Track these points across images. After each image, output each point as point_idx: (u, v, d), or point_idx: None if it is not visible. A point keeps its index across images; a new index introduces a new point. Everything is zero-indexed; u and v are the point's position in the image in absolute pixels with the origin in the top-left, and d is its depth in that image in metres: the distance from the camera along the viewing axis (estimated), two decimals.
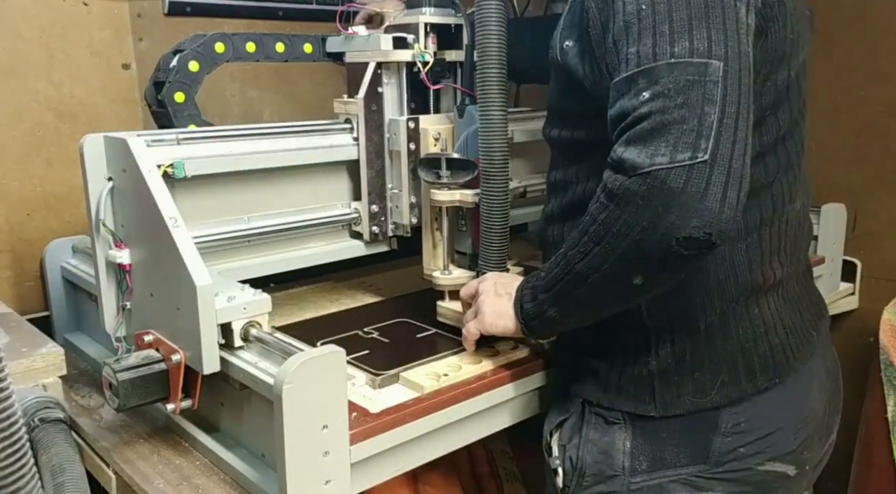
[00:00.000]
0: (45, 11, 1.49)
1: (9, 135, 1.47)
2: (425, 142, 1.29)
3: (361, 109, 1.29)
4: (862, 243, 1.82)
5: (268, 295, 1.03)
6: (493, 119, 1.12)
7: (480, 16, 1.09)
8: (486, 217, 1.16)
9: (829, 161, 1.87)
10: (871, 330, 1.69)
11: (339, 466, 0.91)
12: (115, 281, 1.13)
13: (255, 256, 1.26)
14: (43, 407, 1.08)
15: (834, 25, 1.82)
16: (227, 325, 0.99)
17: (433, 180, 1.21)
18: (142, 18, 1.62)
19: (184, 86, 1.30)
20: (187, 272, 0.96)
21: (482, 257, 1.18)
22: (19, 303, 1.48)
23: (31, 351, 1.13)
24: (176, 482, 1.00)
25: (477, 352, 1.14)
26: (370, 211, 1.33)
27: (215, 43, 1.31)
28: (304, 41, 1.40)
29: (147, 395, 1.00)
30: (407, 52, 1.28)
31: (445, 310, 1.25)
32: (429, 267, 1.29)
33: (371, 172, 1.32)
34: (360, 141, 1.30)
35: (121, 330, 1.14)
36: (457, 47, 1.33)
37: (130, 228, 1.09)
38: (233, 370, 0.99)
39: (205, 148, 1.17)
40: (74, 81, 1.54)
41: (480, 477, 1.43)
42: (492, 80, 1.10)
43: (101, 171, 1.10)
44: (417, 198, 1.32)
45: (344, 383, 0.90)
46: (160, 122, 1.33)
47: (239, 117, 1.81)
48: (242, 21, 1.76)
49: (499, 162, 1.13)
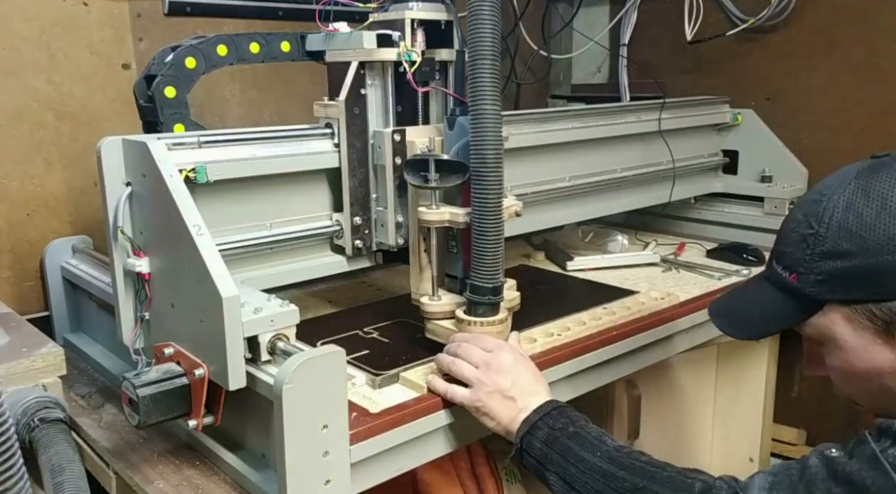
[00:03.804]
0: (45, 11, 1.49)
1: (9, 135, 1.47)
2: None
3: (343, 113, 1.18)
4: None
5: (295, 306, 0.97)
6: (485, 127, 1.02)
7: (473, 15, 1.01)
8: (479, 230, 1.05)
9: (829, 161, 1.87)
10: None
11: (339, 466, 0.91)
12: (133, 290, 1.07)
13: (273, 265, 1.20)
14: (43, 407, 1.08)
15: (834, 25, 1.82)
16: (253, 338, 0.93)
17: (421, 184, 1.11)
18: (142, 18, 1.62)
19: (177, 81, 1.21)
20: (212, 282, 0.89)
21: (474, 271, 1.08)
22: (19, 303, 1.48)
23: (31, 351, 1.13)
24: (176, 482, 1.00)
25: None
26: (353, 223, 1.22)
27: (185, 58, 1.22)
28: (282, 40, 1.31)
29: (168, 411, 0.94)
30: (392, 50, 1.17)
31: (436, 327, 1.17)
32: (416, 291, 1.20)
33: (353, 182, 1.21)
34: (341, 147, 1.20)
35: (139, 341, 1.09)
36: (448, 46, 1.23)
37: (150, 236, 1.04)
38: (259, 386, 0.93)
39: (227, 152, 1.11)
40: (74, 81, 1.54)
41: (480, 477, 1.43)
42: (485, 85, 1.01)
43: (118, 176, 1.04)
44: (405, 217, 1.21)
45: (344, 383, 0.90)
46: (145, 118, 1.26)
47: (239, 117, 1.80)
48: (242, 21, 1.75)
49: (492, 172, 1.03)
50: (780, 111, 1.94)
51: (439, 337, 1.15)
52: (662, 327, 1.35)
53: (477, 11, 1.00)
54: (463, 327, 1.10)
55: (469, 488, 1.41)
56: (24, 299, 1.50)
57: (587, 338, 1.24)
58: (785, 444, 1.98)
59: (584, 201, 1.60)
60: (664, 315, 1.36)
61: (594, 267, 1.67)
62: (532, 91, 2.40)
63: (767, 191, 1.85)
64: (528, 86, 2.38)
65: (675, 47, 2.10)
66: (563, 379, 1.19)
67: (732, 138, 1.94)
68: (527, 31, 2.28)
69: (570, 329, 1.25)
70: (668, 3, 2.09)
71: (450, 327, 1.14)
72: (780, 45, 1.92)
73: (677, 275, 1.62)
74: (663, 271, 1.65)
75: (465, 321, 1.10)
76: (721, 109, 1.93)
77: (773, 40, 1.94)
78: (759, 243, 1.77)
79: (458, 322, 1.12)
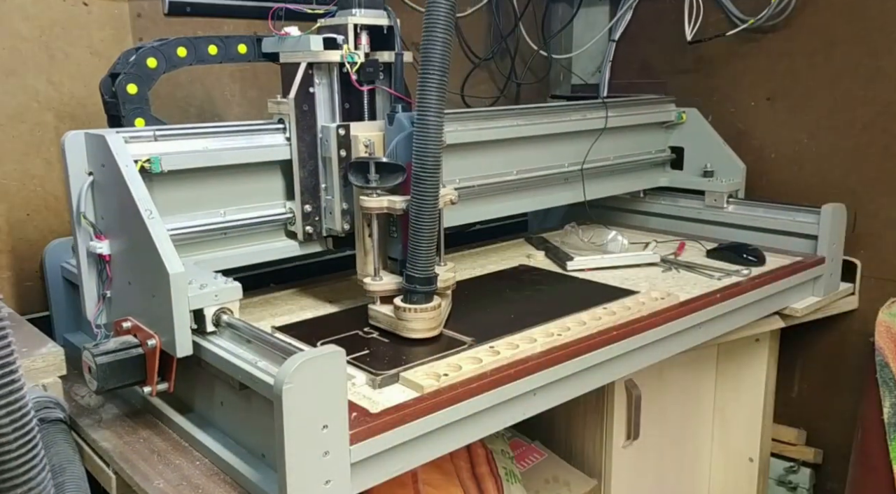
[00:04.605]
0: (45, 11, 1.49)
1: (9, 135, 1.47)
2: (356, 149, 1.29)
3: (293, 109, 1.29)
4: (862, 243, 1.82)
5: (238, 283, 1.08)
6: (428, 123, 1.13)
7: (428, 16, 1.11)
8: (415, 222, 1.17)
9: (829, 161, 1.87)
10: (871, 330, 1.70)
11: (339, 466, 0.91)
12: (96, 271, 1.18)
13: (232, 248, 1.31)
14: (43, 407, 1.08)
15: (834, 25, 1.82)
16: (199, 311, 1.04)
17: (362, 184, 1.22)
18: (142, 18, 1.62)
19: (139, 79, 1.30)
20: (161, 261, 1.01)
21: (409, 262, 1.20)
22: (19, 303, 1.48)
23: (31, 351, 1.13)
24: (176, 482, 1.00)
25: (477, 352, 1.15)
26: (303, 210, 1.33)
27: (147, 58, 1.31)
28: (238, 42, 1.40)
29: (125, 378, 1.04)
30: (336, 52, 1.28)
31: (377, 313, 1.26)
32: (361, 273, 1.31)
33: (304, 172, 1.32)
34: (292, 141, 1.31)
35: (101, 317, 1.19)
36: (389, 48, 1.34)
37: (110, 220, 1.15)
38: (206, 354, 1.04)
39: (181, 144, 1.21)
40: (74, 81, 1.54)
41: (480, 477, 1.43)
42: (431, 82, 1.12)
43: (81, 166, 1.15)
44: (350, 205, 1.32)
45: (344, 383, 0.90)
46: (109, 113, 1.34)
47: (239, 117, 1.80)
48: (242, 21, 1.76)
49: (431, 167, 1.14)
50: (780, 111, 1.94)
51: (381, 323, 1.26)
52: (662, 327, 1.35)
53: (432, 15, 1.11)
54: (399, 314, 1.21)
55: (469, 488, 1.41)
56: (24, 299, 1.50)
57: (587, 338, 1.24)
58: (785, 444, 1.98)
59: (532, 193, 1.72)
60: (664, 315, 1.36)
61: (594, 267, 1.67)
62: (532, 91, 2.40)
63: (708, 185, 1.95)
64: (527, 87, 2.38)
65: (675, 47, 2.10)
66: (563, 379, 1.19)
67: (678, 135, 2.03)
68: (527, 31, 2.28)
69: (570, 329, 1.25)
70: (668, 3, 2.09)
71: (389, 314, 1.24)
72: (780, 45, 1.92)
73: (677, 275, 1.62)
74: (663, 271, 1.65)
75: (402, 308, 1.20)
76: (667, 108, 2.00)
77: (773, 40, 1.94)
78: (758, 243, 1.77)
79: (395, 308, 1.22)
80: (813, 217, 1.74)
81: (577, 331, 1.25)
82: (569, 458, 1.58)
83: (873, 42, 1.76)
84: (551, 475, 1.54)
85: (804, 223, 1.76)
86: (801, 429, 1.99)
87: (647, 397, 1.55)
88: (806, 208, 1.77)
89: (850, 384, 1.87)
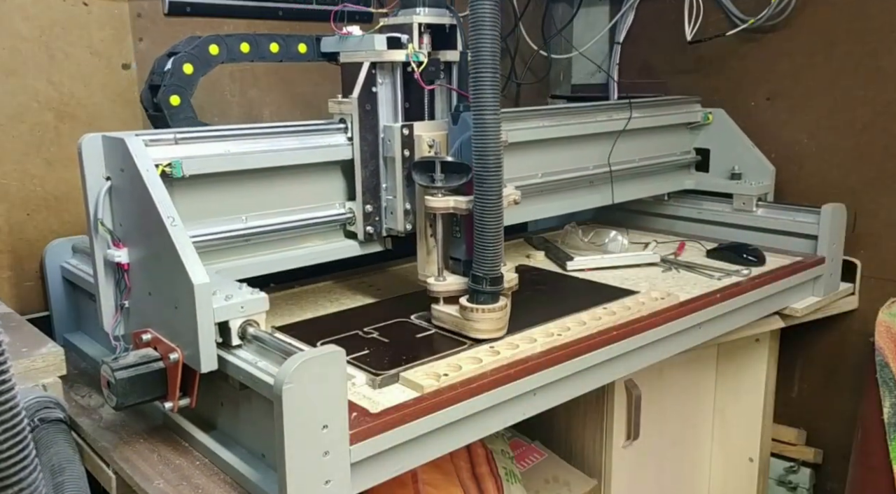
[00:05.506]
0: (45, 11, 1.49)
1: (9, 135, 1.47)
2: (419, 149, 1.29)
3: (356, 109, 1.29)
4: (862, 243, 1.82)
5: (265, 294, 1.03)
6: (486, 123, 1.12)
7: (474, 17, 1.09)
8: (480, 222, 1.15)
9: (829, 161, 1.87)
10: (871, 330, 1.69)
11: (339, 466, 0.91)
12: (114, 280, 1.13)
13: (253, 255, 1.26)
14: (43, 407, 1.08)
15: (834, 25, 1.82)
16: (224, 324, 0.99)
17: (427, 184, 1.21)
18: (142, 18, 1.62)
19: (179, 89, 1.29)
20: (185, 270, 0.96)
21: (476, 263, 1.18)
22: (19, 303, 1.48)
23: (31, 351, 1.13)
24: (176, 482, 1.00)
25: (477, 352, 1.14)
26: (364, 211, 1.33)
27: (209, 45, 1.31)
28: (299, 41, 1.40)
29: (145, 394, 1.00)
30: (401, 51, 1.28)
31: (441, 314, 1.25)
32: (423, 272, 1.30)
33: (365, 172, 1.32)
34: (354, 141, 1.30)
35: (119, 328, 1.15)
36: (451, 47, 1.33)
37: (129, 227, 1.10)
38: (231, 369, 0.99)
39: (203, 147, 1.17)
40: (74, 81, 1.54)
41: (480, 477, 1.43)
42: (485, 82, 1.11)
43: (99, 171, 1.11)
44: (412, 205, 1.32)
45: (344, 383, 0.90)
46: (157, 126, 1.33)
47: (239, 117, 1.81)
48: (242, 21, 1.76)
49: (492, 166, 1.13)
50: (781, 111, 1.94)
51: (445, 323, 1.24)
52: (662, 327, 1.35)
53: (478, 16, 1.08)
54: (466, 314, 1.19)
55: (469, 488, 1.41)
56: (24, 299, 1.50)
57: (587, 338, 1.24)
58: (785, 444, 1.98)
59: (558, 197, 1.66)
60: (664, 315, 1.36)
61: (594, 267, 1.67)
62: (532, 91, 2.40)
63: (736, 187, 1.89)
64: (528, 86, 2.38)
65: (675, 47, 2.10)
66: (563, 379, 1.19)
67: (704, 137, 1.98)
68: (527, 31, 2.28)
69: (570, 329, 1.25)
70: (668, 3, 2.09)
71: (454, 314, 1.22)
72: (780, 45, 1.92)
73: (677, 275, 1.62)
74: (663, 271, 1.65)
75: (468, 308, 1.19)
76: (693, 108, 1.96)
77: (773, 40, 1.94)
78: (758, 243, 1.77)
79: (461, 309, 1.20)
80: (813, 217, 1.74)
81: (577, 331, 1.25)
82: (569, 458, 1.58)
83: (873, 42, 1.76)
84: (551, 475, 1.54)
85: (804, 223, 1.76)
86: (801, 429, 1.99)
87: (647, 397, 1.55)
88: (806, 208, 1.77)
89: (850, 384, 1.87)
